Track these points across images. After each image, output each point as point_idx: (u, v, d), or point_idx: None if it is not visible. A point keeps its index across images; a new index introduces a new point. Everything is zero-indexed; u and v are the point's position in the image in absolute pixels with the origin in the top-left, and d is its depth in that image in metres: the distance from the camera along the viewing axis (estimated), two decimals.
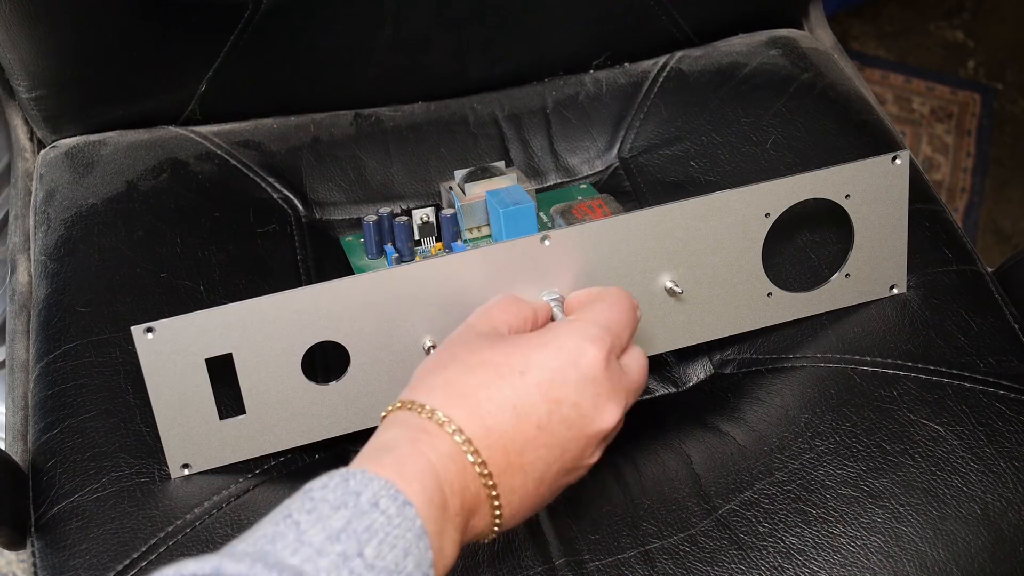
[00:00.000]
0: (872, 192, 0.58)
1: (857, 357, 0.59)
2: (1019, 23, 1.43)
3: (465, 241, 0.66)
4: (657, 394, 0.63)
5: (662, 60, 0.76)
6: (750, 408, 0.59)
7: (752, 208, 0.56)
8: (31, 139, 0.73)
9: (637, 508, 0.56)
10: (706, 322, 0.58)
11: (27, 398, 0.61)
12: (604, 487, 0.57)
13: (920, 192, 0.66)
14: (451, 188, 0.67)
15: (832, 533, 0.53)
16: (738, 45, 0.76)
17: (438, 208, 0.68)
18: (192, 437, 0.54)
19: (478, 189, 0.66)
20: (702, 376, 0.63)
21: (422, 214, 0.66)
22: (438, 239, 0.67)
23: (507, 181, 0.67)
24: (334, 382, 0.54)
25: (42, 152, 0.71)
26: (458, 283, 0.53)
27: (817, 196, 0.57)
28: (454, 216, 0.66)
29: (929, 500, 0.54)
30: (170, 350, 0.51)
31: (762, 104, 0.71)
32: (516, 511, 0.46)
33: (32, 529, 0.55)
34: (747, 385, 0.61)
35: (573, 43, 0.75)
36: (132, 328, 0.50)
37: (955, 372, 0.58)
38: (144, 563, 0.52)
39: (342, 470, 0.41)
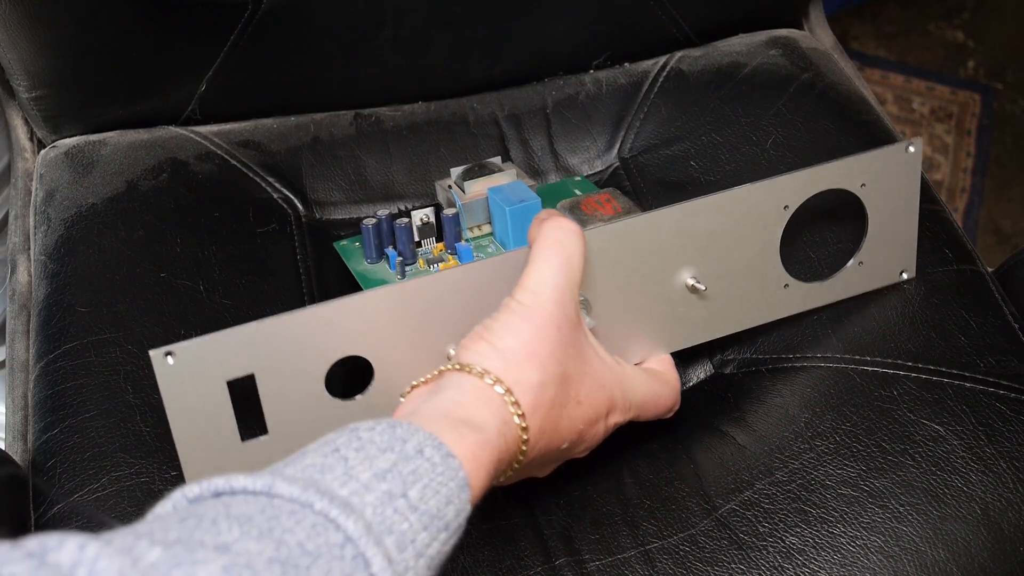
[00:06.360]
0: (887, 180, 0.58)
1: (857, 357, 0.59)
2: (1019, 23, 1.43)
3: (467, 240, 0.66)
4: None
5: (662, 60, 0.76)
6: (750, 408, 0.59)
7: (772, 201, 0.56)
8: (31, 139, 0.73)
9: (637, 508, 0.56)
10: (726, 316, 0.58)
11: (27, 398, 0.61)
12: (604, 487, 0.57)
13: (920, 192, 0.66)
14: (450, 187, 0.67)
15: (832, 533, 0.53)
16: (738, 45, 0.76)
17: (438, 208, 0.67)
18: (213, 460, 0.52)
19: (478, 187, 0.66)
20: (702, 376, 0.63)
21: (422, 215, 0.65)
22: (438, 239, 0.66)
23: (507, 177, 0.66)
24: (359, 396, 0.52)
25: (42, 152, 0.71)
26: (481, 289, 0.52)
27: (835, 187, 0.57)
28: (456, 216, 0.65)
29: (929, 500, 0.54)
30: (190, 374, 0.49)
31: (762, 104, 0.71)
32: (534, 457, 0.49)
33: (32, 529, 0.55)
34: (747, 385, 0.61)
35: (573, 43, 0.75)
36: (151, 352, 0.48)
37: (955, 372, 0.58)
38: None
39: (387, 419, 0.43)
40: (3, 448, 0.58)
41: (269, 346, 0.49)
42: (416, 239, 0.65)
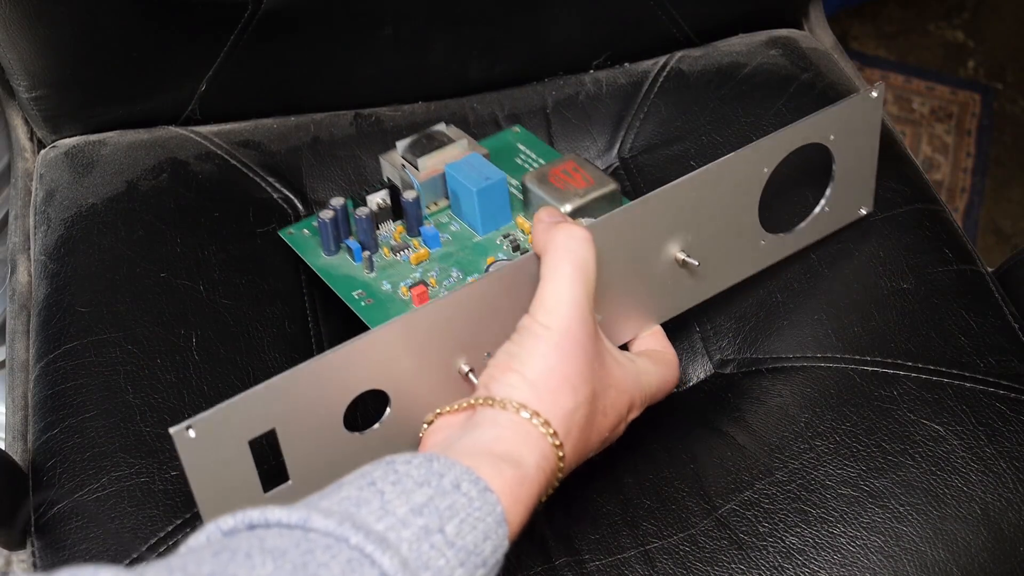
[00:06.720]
0: (853, 128, 0.60)
1: (857, 357, 0.59)
2: (1019, 23, 1.43)
3: (427, 219, 0.64)
4: None
5: (662, 60, 0.76)
6: (750, 408, 0.59)
7: (753, 165, 0.57)
8: (31, 139, 0.73)
9: (637, 508, 0.56)
10: (710, 280, 0.59)
11: (27, 398, 0.61)
12: (604, 487, 0.57)
13: (920, 192, 0.66)
14: (403, 165, 0.64)
15: (832, 533, 0.53)
16: (738, 45, 0.76)
17: (394, 190, 0.64)
18: None
19: (432, 162, 0.63)
20: (702, 376, 0.63)
21: (378, 199, 0.63)
22: (394, 220, 0.64)
23: (459, 149, 0.64)
24: (376, 426, 0.51)
25: (42, 152, 0.71)
26: (489, 304, 0.52)
27: (808, 142, 0.58)
28: (417, 200, 0.62)
29: (929, 500, 0.54)
30: (212, 443, 0.48)
31: (762, 104, 0.71)
32: (570, 466, 0.49)
33: (32, 529, 0.55)
34: (747, 385, 0.61)
35: (573, 43, 0.75)
36: (171, 431, 0.46)
37: (955, 372, 0.58)
38: (145, 563, 0.52)
39: (424, 452, 0.43)
40: (3, 448, 0.58)
41: (287, 399, 0.48)
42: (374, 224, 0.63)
